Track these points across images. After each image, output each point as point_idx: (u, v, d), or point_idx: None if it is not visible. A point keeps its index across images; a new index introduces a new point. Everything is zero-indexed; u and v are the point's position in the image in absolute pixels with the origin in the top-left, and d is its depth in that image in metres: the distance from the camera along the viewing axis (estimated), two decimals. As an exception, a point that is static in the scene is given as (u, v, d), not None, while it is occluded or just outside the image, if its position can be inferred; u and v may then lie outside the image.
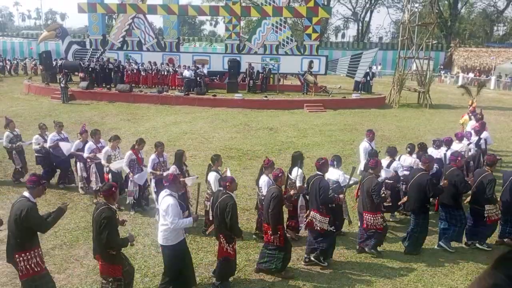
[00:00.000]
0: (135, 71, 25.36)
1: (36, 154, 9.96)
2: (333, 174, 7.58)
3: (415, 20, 24.90)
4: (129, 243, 5.20)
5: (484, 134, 10.85)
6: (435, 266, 6.89)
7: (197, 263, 6.50)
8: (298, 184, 7.34)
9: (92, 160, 9.07)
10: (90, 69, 24.72)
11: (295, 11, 27.54)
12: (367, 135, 9.34)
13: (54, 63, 28.40)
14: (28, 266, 4.81)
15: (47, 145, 9.65)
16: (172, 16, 26.82)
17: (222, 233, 5.80)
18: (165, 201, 5.50)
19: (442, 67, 44.62)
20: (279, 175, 6.47)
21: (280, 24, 26.39)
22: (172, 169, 7.66)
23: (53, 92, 23.21)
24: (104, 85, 24.38)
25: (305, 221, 6.94)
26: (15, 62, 39.13)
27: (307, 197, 7.13)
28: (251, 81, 24.58)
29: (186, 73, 23.56)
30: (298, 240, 7.49)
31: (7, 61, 37.88)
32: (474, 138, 10.63)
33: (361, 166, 8.62)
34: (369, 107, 22.26)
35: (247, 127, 17.34)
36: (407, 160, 8.79)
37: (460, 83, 38.04)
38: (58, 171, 10.13)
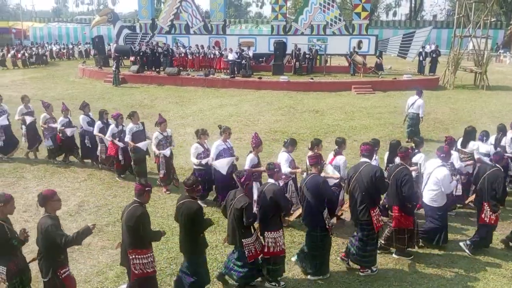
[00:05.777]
0: (182, 54, 25.77)
1: (194, 167, 8.23)
2: (484, 148, 8.23)
3: (472, -4, 23.42)
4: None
5: None
6: (452, 252, 6.66)
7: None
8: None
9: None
10: (141, 53, 25.36)
11: (343, -11, 26.73)
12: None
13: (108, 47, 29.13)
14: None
15: (210, 161, 7.88)
16: (219, -2, 26.87)
17: (488, 202, 6.44)
18: (441, 171, 6.42)
19: (500, 46, 41.90)
20: None
21: (328, 3, 25.68)
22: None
23: (105, 76, 24.13)
24: (153, 68, 24.99)
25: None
26: (71, 46, 40.65)
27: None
28: (297, 63, 24.26)
29: (230, 56, 23.64)
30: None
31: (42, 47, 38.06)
32: None
33: None
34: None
35: (292, 109, 17.21)
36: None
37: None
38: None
